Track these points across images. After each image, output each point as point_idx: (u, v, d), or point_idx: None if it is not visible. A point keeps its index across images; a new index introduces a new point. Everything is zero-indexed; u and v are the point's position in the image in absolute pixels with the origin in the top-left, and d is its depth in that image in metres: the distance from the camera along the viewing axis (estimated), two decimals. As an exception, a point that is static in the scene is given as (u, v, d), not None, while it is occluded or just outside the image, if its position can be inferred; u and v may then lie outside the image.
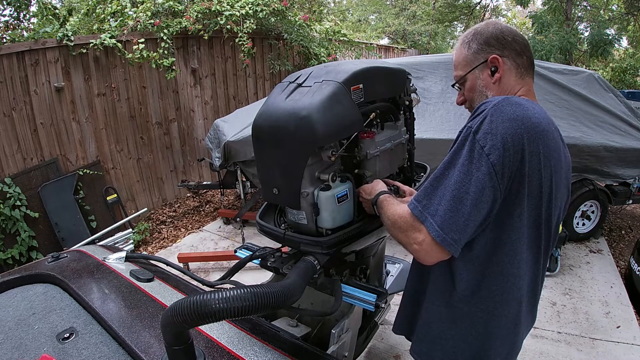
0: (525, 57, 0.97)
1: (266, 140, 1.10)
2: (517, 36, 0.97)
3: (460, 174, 0.81)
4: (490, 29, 0.98)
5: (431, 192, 0.85)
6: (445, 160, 0.86)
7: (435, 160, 2.85)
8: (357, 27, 15.68)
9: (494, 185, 0.80)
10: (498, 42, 0.96)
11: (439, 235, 0.81)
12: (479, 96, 1.00)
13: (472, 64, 1.00)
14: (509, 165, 0.80)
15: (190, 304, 0.71)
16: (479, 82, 1.00)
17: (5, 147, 3.48)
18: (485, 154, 0.80)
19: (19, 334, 1.01)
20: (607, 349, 2.40)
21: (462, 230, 0.81)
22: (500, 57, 0.96)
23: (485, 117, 0.83)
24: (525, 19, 15.00)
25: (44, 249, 3.58)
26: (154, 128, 4.76)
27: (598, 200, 3.64)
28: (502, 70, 0.96)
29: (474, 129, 0.83)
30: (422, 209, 0.85)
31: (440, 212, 0.81)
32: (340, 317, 1.33)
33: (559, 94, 3.50)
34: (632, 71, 9.81)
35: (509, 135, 0.80)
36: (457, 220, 0.80)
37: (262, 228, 1.25)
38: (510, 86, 0.97)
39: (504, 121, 0.81)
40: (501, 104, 0.83)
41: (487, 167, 0.79)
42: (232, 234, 4.31)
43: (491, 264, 0.90)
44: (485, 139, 0.80)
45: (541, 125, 0.83)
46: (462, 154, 0.83)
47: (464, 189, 0.80)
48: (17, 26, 4.12)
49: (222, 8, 4.75)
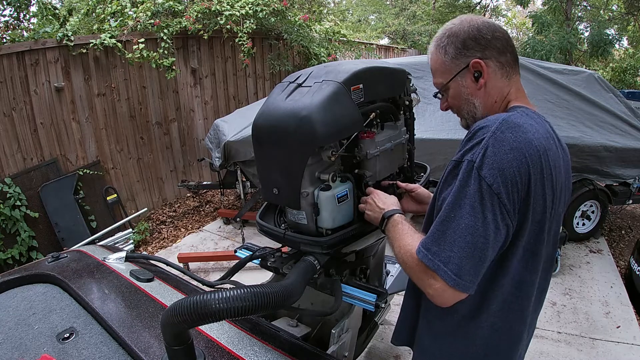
0: (509, 54, 0.90)
1: (266, 140, 1.10)
2: (497, 31, 0.88)
3: (471, 217, 0.75)
4: (466, 28, 0.89)
5: (440, 237, 0.78)
6: (449, 201, 0.79)
7: (435, 161, 2.88)
8: (357, 27, 15.66)
9: (507, 223, 0.77)
10: (477, 43, 0.88)
11: (456, 282, 0.76)
12: (466, 104, 0.94)
13: (452, 71, 0.92)
14: (517, 199, 0.77)
15: (190, 304, 0.71)
16: (462, 89, 0.92)
17: (5, 147, 3.48)
18: (495, 193, 0.75)
19: (19, 334, 1.01)
20: (607, 349, 2.40)
21: (478, 272, 0.78)
22: (482, 61, 0.88)
23: (486, 149, 0.76)
24: (525, 19, 15.00)
25: (44, 249, 3.58)
26: (154, 128, 4.76)
27: (598, 200, 3.64)
28: (486, 74, 0.89)
29: (476, 164, 0.76)
30: (433, 256, 0.78)
31: (454, 260, 0.76)
32: (340, 317, 1.34)
33: (559, 94, 3.50)
34: (632, 71, 9.80)
35: (515, 169, 0.75)
36: (474, 264, 0.76)
37: (262, 228, 1.25)
38: (498, 89, 0.90)
39: (507, 152, 0.75)
40: (501, 131, 0.77)
41: (499, 207, 0.75)
42: (232, 234, 4.31)
43: (494, 287, 0.87)
44: (493, 176, 0.75)
45: (542, 145, 0.79)
46: (468, 194, 0.76)
47: (478, 233, 0.75)
48: (17, 26, 4.12)
49: (222, 8, 4.75)
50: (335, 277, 1.23)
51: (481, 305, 0.88)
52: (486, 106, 0.92)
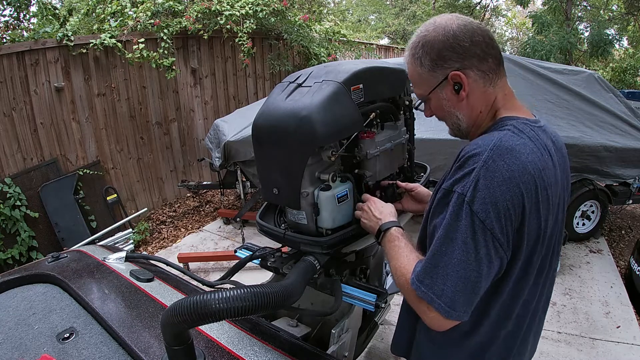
0: (491, 59, 0.82)
1: (266, 140, 1.10)
2: (475, 36, 0.80)
3: (464, 252, 0.73)
4: (441, 37, 0.81)
5: (432, 270, 0.77)
6: (440, 234, 0.77)
7: (435, 161, 2.88)
8: (357, 27, 15.66)
9: (500, 255, 0.75)
10: (454, 53, 0.80)
11: (449, 314, 0.75)
12: (449, 116, 0.90)
13: (430, 83, 0.86)
14: (511, 231, 0.75)
15: (190, 304, 0.71)
16: (444, 102, 0.87)
17: (5, 147, 3.48)
18: (488, 229, 0.72)
19: (19, 334, 1.01)
20: (607, 349, 2.40)
21: (472, 302, 0.77)
22: (461, 73, 0.81)
23: (477, 181, 0.73)
24: (525, 19, 15.00)
25: (44, 249, 3.58)
26: (154, 128, 4.76)
27: (598, 200, 3.64)
28: (467, 86, 0.82)
29: (468, 198, 0.73)
30: (426, 289, 0.77)
31: (447, 293, 0.74)
32: (340, 317, 1.33)
33: (559, 94, 3.50)
34: (632, 71, 9.81)
35: (509, 202, 0.72)
36: (467, 296, 0.75)
37: (262, 228, 1.25)
38: (482, 99, 0.85)
39: (500, 185, 0.72)
40: (492, 159, 0.73)
41: (492, 241, 0.73)
42: (232, 234, 4.31)
43: (490, 308, 0.85)
44: (485, 211, 0.72)
45: (537, 167, 0.75)
46: (460, 229, 0.74)
47: (470, 268, 0.73)
48: (17, 26, 4.12)
49: (222, 8, 4.75)
50: (335, 277, 1.23)
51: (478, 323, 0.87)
52: (471, 118, 0.88)
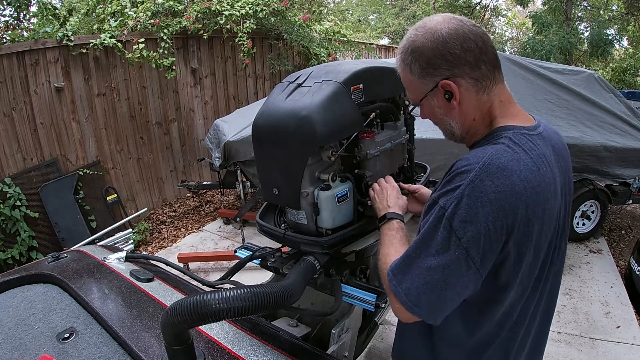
0: (485, 65, 0.77)
1: (266, 140, 1.10)
2: (467, 41, 0.76)
3: (434, 260, 0.73)
4: (430, 43, 0.77)
5: (405, 268, 0.78)
6: (417, 238, 0.78)
7: (435, 161, 2.88)
8: (357, 27, 15.67)
9: (473, 272, 0.73)
10: (444, 60, 0.77)
11: (413, 310, 0.77)
12: (442, 123, 0.87)
13: (420, 90, 0.83)
14: (491, 251, 0.72)
15: (190, 304, 0.71)
16: (436, 109, 0.85)
17: (5, 147, 3.48)
18: (463, 246, 0.70)
19: (19, 334, 1.01)
20: (607, 349, 2.40)
21: (437, 307, 0.77)
22: (451, 81, 0.78)
23: (461, 199, 0.71)
24: (525, 19, 15.01)
25: (44, 249, 3.58)
26: (154, 128, 4.76)
27: (598, 200, 3.64)
28: (458, 95, 0.79)
29: (448, 214, 0.72)
30: (397, 283, 0.79)
31: (413, 292, 0.76)
32: (340, 317, 1.33)
33: (559, 94, 3.51)
34: (632, 71, 9.81)
35: (490, 222, 0.69)
36: (431, 300, 0.76)
37: (262, 228, 1.25)
38: (475, 107, 0.81)
39: (483, 205, 0.69)
40: (480, 178, 0.70)
41: (464, 259, 0.71)
42: (232, 234, 4.31)
43: (484, 317, 0.84)
44: (463, 229, 0.70)
45: (529, 186, 0.72)
46: (435, 239, 0.73)
47: (437, 277, 0.73)
48: (17, 26, 4.12)
49: (222, 8, 4.75)
50: (335, 277, 1.23)
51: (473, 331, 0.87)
52: (464, 125, 0.84)
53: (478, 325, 0.86)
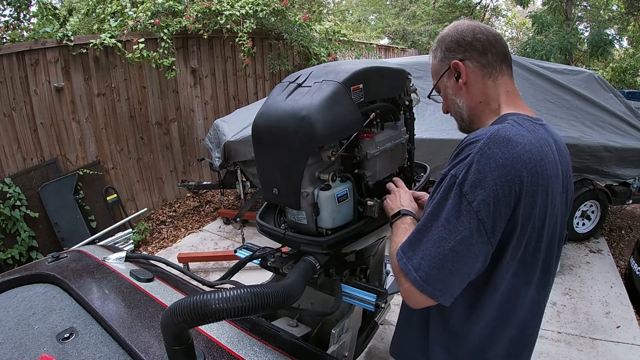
0: (491, 55, 0.89)
1: (266, 140, 1.10)
2: (479, 34, 0.89)
3: (445, 230, 0.75)
4: (451, 32, 0.93)
5: (415, 244, 0.80)
6: (428, 211, 0.80)
7: (435, 160, 2.88)
8: (357, 27, 15.67)
9: (484, 241, 0.75)
10: (458, 46, 0.91)
11: (423, 287, 0.77)
12: (453, 104, 0.97)
13: (439, 73, 0.97)
14: (500, 217, 0.74)
15: (190, 304, 0.71)
16: (448, 90, 0.96)
17: (5, 147, 3.48)
18: (474, 210, 0.73)
19: (19, 334, 1.01)
20: (607, 349, 2.40)
21: (448, 283, 0.77)
22: (461, 62, 0.90)
23: (470, 165, 0.75)
24: (525, 19, 15.01)
25: (44, 249, 3.58)
26: (154, 128, 4.76)
27: (598, 200, 3.64)
28: (464, 75, 0.91)
29: (459, 180, 0.75)
30: (407, 261, 0.80)
31: (424, 267, 0.77)
32: (340, 317, 1.33)
33: (559, 94, 3.51)
34: (632, 71, 9.82)
35: (499, 187, 0.73)
36: (443, 275, 0.76)
37: (262, 228, 1.25)
38: (480, 89, 0.91)
39: (492, 170, 0.73)
40: (488, 146, 0.75)
41: (475, 224, 0.73)
42: (232, 234, 4.31)
43: (482, 301, 0.85)
44: (474, 193, 0.73)
45: (534, 157, 0.76)
46: (446, 207, 0.76)
47: (449, 247, 0.75)
48: (17, 26, 4.11)
49: (222, 8, 4.75)
50: (335, 277, 1.23)
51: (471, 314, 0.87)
52: (470, 106, 0.93)
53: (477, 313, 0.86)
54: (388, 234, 1.27)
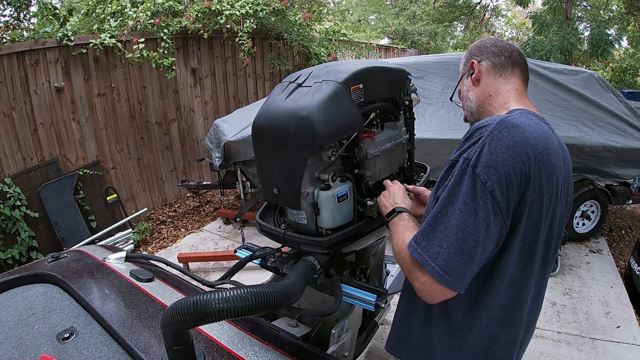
0: (504, 57, 0.99)
1: (266, 140, 1.10)
2: (498, 42, 1.02)
3: (463, 213, 0.76)
4: (477, 43, 1.06)
5: (430, 232, 0.80)
6: (442, 197, 0.81)
7: (436, 160, 2.89)
8: (357, 27, 15.67)
9: (500, 222, 0.77)
10: (478, 51, 1.03)
11: (443, 278, 0.77)
12: (466, 100, 1.05)
13: (461, 75, 1.09)
14: (512, 198, 0.77)
15: (190, 304, 0.71)
16: (464, 87, 1.06)
17: (5, 147, 3.48)
18: (489, 190, 0.75)
19: (19, 334, 1.01)
20: (607, 349, 2.40)
21: (466, 270, 0.78)
22: (477, 62, 1.01)
23: (482, 147, 0.78)
24: (525, 19, 15.01)
25: (44, 249, 3.58)
26: (154, 128, 4.76)
27: (598, 200, 3.64)
28: (477, 71, 1.01)
29: (472, 162, 0.78)
30: (422, 251, 0.80)
31: (442, 255, 0.77)
32: (340, 317, 1.34)
33: (559, 94, 3.50)
34: (632, 71, 9.82)
35: (510, 168, 0.75)
36: (462, 261, 0.76)
37: (262, 228, 1.25)
38: (491, 84, 0.99)
39: (503, 151, 0.76)
40: (497, 130, 0.78)
41: (492, 204, 0.75)
42: (232, 234, 4.31)
43: (487, 293, 0.86)
44: (487, 173, 0.76)
45: (540, 144, 0.79)
46: (461, 191, 0.77)
47: (468, 230, 0.76)
48: (17, 26, 4.11)
49: (222, 7, 4.75)
50: (335, 277, 1.23)
51: (476, 311, 0.88)
52: (479, 98, 1.00)
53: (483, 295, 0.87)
54: (388, 234, 1.27)
